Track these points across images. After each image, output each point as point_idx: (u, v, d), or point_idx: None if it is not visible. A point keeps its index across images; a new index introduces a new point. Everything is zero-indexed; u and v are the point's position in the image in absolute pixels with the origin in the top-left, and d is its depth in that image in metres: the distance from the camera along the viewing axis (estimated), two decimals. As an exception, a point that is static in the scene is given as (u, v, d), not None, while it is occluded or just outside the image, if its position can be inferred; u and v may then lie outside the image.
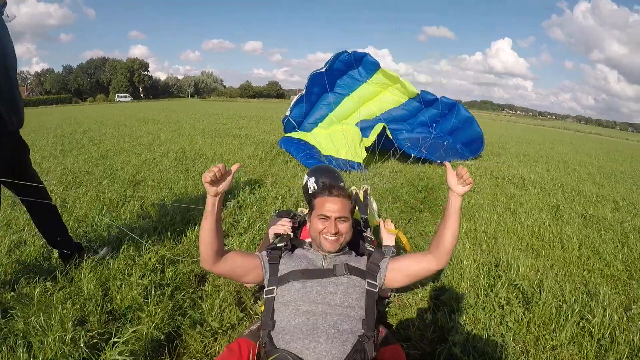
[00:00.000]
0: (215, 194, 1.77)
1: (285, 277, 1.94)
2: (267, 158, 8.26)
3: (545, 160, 12.90)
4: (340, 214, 2.09)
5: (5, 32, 2.43)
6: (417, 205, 5.58)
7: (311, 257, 2.06)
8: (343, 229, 2.08)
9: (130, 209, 4.48)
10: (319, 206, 2.13)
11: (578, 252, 4.23)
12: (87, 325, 2.36)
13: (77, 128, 14.79)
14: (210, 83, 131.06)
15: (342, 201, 2.13)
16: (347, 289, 1.87)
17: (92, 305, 2.48)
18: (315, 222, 2.11)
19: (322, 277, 1.92)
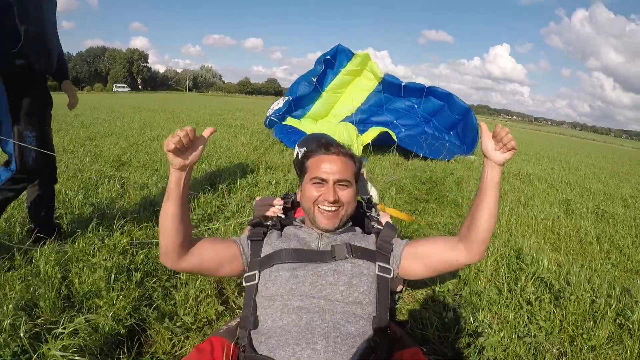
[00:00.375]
0: (182, 167, 1.36)
1: (269, 258, 1.50)
2: (262, 147, 7.88)
3: (548, 160, 12.81)
4: (341, 176, 1.59)
5: None
6: (421, 197, 5.30)
7: (303, 237, 1.60)
8: (344, 196, 1.59)
9: (110, 188, 4.07)
10: (313, 167, 1.63)
11: (598, 246, 4.00)
12: (36, 311, 1.95)
13: (69, 112, 14.27)
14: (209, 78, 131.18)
15: (342, 160, 1.63)
16: (352, 279, 1.41)
17: (43, 288, 2.04)
18: (309, 188, 1.62)
19: (317, 261, 1.47)
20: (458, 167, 7.91)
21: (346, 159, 1.65)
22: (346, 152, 1.68)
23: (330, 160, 1.61)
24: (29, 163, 2.37)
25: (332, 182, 1.57)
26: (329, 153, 1.63)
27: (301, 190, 1.69)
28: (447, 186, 5.99)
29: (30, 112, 2.38)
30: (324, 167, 1.59)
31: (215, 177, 4.81)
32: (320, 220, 1.57)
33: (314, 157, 1.66)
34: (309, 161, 1.67)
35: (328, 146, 1.64)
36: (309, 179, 1.62)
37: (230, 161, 5.95)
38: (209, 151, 6.89)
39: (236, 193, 4.11)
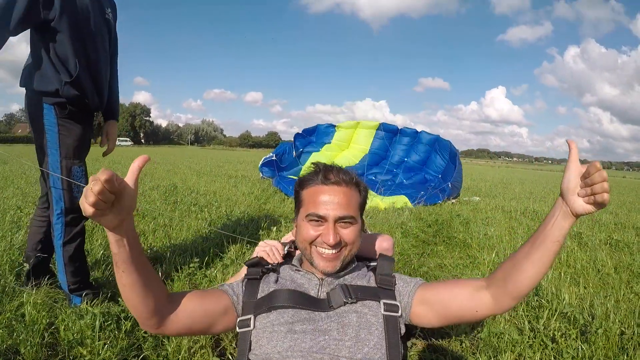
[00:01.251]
0: (117, 225, 0.98)
1: (264, 300, 1.26)
2: (263, 196, 7.79)
3: (553, 197, 12.68)
4: (343, 211, 1.29)
5: None
6: (429, 239, 5.14)
7: (301, 282, 1.34)
8: (347, 236, 1.30)
9: (105, 235, 3.92)
10: (309, 201, 1.34)
11: (617, 276, 3.82)
12: (17, 358, 1.80)
13: None
14: (211, 132, 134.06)
15: (345, 192, 1.33)
16: (359, 332, 1.17)
17: (26, 334, 1.89)
18: (304, 226, 1.33)
19: (316, 308, 1.24)
20: (463, 208, 7.82)
21: (349, 189, 1.35)
22: (350, 179, 1.37)
23: (331, 193, 1.31)
24: (78, 199, 2.24)
25: (332, 220, 1.28)
26: (329, 183, 1.33)
27: (296, 227, 1.43)
28: (454, 227, 5.85)
29: (80, 146, 2.28)
30: (323, 200, 1.30)
31: (215, 225, 4.70)
32: (318, 264, 1.31)
33: (309, 187, 1.36)
34: (303, 192, 1.38)
35: (327, 173, 1.35)
36: (304, 215, 1.33)
37: (230, 210, 5.86)
38: (209, 200, 6.83)
39: (236, 242, 3.98)
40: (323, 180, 1.34)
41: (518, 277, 1.11)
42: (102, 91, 2.42)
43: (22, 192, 6.38)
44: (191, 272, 3.09)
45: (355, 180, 1.39)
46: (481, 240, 5.02)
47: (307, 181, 1.38)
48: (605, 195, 0.97)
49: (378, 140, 10.72)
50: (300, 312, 1.21)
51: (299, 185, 1.42)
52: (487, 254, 4.27)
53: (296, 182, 1.44)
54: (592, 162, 1.00)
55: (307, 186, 1.37)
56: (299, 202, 1.41)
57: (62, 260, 2.28)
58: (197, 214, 5.27)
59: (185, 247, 3.65)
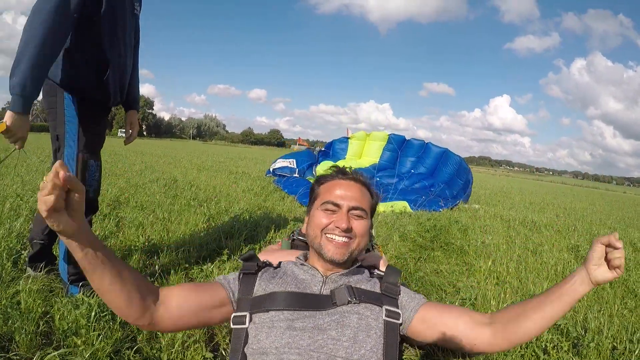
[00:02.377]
0: (76, 229, 0.94)
1: (262, 300, 1.25)
2: (263, 193, 7.81)
3: (552, 208, 12.73)
4: (357, 202, 1.38)
5: None
6: (426, 244, 5.14)
7: (303, 278, 1.35)
8: (358, 227, 1.36)
9: (104, 225, 3.97)
10: (325, 191, 1.43)
11: (612, 291, 3.82)
12: (12, 346, 1.82)
13: None
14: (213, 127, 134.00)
15: (359, 188, 1.44)
16: (358, 334, 1.18)
17: (21, 322, 1.90)
18: (318, 214, 1.39)
19: (317, 308, 1.23)
20: (462, 215, 7.81)
21: (363, 187, 1.47)
22: (364, 180, 1.50)
23: (347, 186, 1.42)
24: (90, 194, 2.24)
25: (346, 209, 1.36)
26: (346, 178, 1.46)
27: (308, 218, 1.48)
28: (452, 234, 5.85)
29: (98, 141, 2.31)
30: (339, 191, 1.40)
31: (213, 220, 4.71)
32: (328, 250, 1.33)
33: (327, 182, 1.47)
34: (321, 186, 1.48)
35: (345, 171, 1.49)
36: (319, 204, 1.41)
37: (229, 206, 5.85)
38: (209, 195, 6.85)
39: (234, 237, 3.99)
40: (341, 176, 1.46)
41: (524, 324, 1.17)
42: (124, 88, 2.45)
43: (22, 180, 6.39)
44: (188, 267, 3.11)
45: (368, 183, 1.51)
46: (478, 247, 5.03)
47: (325, 177, 1.50)
48: (621, 265, 1.13)
49: (387, 152, 10.93)
50: (300, 310, 1.23)
51: (317, 181, 1.52)
52: (483, 262, 4.28)
53: (315, 179, 1.57)
54: (613, 233, 1.14)
55: (325, 182, 1.48)
56: (314, 195, 1.49)
57: (64, 250, 2.28)
58: (196, 209, 5.28)
59: (183, 241, 3.65)
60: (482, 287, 3.39)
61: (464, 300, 3.03)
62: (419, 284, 3.49)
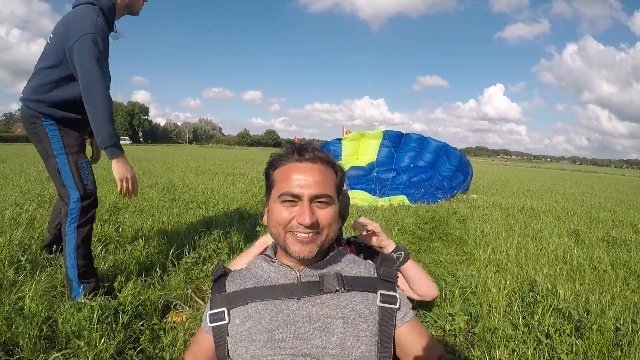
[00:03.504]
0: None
1: (238, 295, 1.17)
2: (261, 193, 7.80)
3: (550, 194, 12.73)
4: (319, 190, 1.15)
5: None
6: (425, 236, 5.15)
7: (273, 276, 1.22)
8: (324, 217, 1.16)
9: (103, 231, 3.99)
10: (281, 179, 1.19)
11: (614, 273, 3.84)
12: (16, 350, 1.84)
13: None
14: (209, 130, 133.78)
15: (320, 170, 1.19)
16: (345, 340, 1.08)
17: (24, 326, 1.92)
18: (276, 208, 1.18)
19: (301, 295, 1.15)
20: (461, 205, 7.83)
21: (325, 167, 1.22)
22: (325, 157, 1.24)
23: (305, 170, 1.18)
24: (89, 186, 2.52)
25: (307, 199, 1.15)
26: (303, 160, 1.20)
27: (267, 212, 1.26)
28: (451, 224, 5.86)
29: (82, 143, 2.56)
30: (297, 178, 1.16)
31: (212, 222, 4.71)
32: (294, 249, 1.16)
33: (282, 165, 1.22)
34: (276, 172, 1.23)
35: (301, 150, 1.21)
36: (276, 196, 1.19)
37: (227, 207, 5.86)
38: (207, 197, 6.85)
39: (232, 237, 3.99)
40: (297, 157, 1.20)
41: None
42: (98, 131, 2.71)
43: (21, 190, 6.39)
44: (188, 268, 3.12)
45: (331, 160, 1.27)
46: (477, 236, 5.04)
47: (279, 160, 1.23)
48: None
49: (385, 148, 10.96)
50: (278, 316, 1.12)
51: (271, 165, 1.26)
52: (483, 251, 4.29)
53: (268, 162, 1.29)
54: None
55: (279, 165, 1.23)
56: (270, 184, 1.26)
57: (74, 243, 2.45)
58: (194, 211, 5.28)
59: (183, 243, 3.66)
60: (482, 275, 3.39)
61: (464, 288, 3.04)
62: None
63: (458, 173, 9.99)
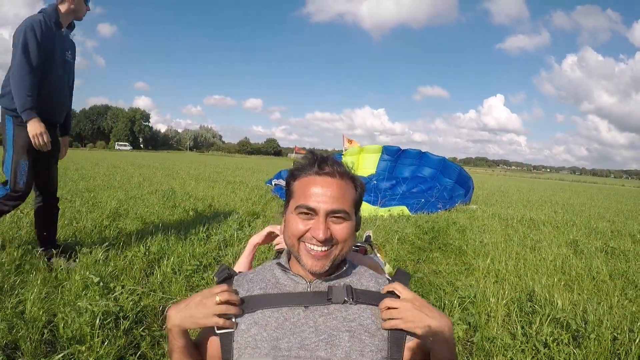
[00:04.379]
0: None
1: (249, 300, 1.16)
2: (261, 202, 7.83)
3: (550, 204, 12.75)
4: (336, 205, 1.16)
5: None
6: (424, 246, 5.16)
7: (285, 283, 1.21)
8: (339, 233, 1.17)
9: (104, 236, 4.02)
10: (300, 192, 1.20)
11: (612, 283, 3.85)
12: (17, 354, 1.85)
13: (71, 165, 14.86)
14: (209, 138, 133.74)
15: (339, 185, 1.19)
16: (350, 353, 1.06)
17: (26, 330, 1.93)
18: (293, 220, 1.19)
19: (309, 303, 1.14)
20: (460, 216, 7.85)
21: (345, 182, 1.22)
22: (345, 172, 1.24)
23: (324, 184, 1.18)
24: (19, 185, 3.00)
25: (323, 214, 1.15)
26: (323, 174, 1.20)
27: (284, 221, 1.27)
28: (450, 235, 5.88)
29: (29, 146, 2.96)
30: (314, 192, 1.17)
31: (212, 230, 4.73)
32: (306, 261, 1.17)
33: (302, 177, 1.23)
34: (295, 183, 1.24)
35: (322, 163, 1.21)
36: (293, 208, 1.20)
37: (228, 215, 5.88)
38: (207, 205, 6.86)
39: (233, 246, 4.01)
40: (317, 170, 1.20)
41: None
42: (57, 114, 3.27)
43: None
44: (189, 275, 3.13)
45: (352, 175, 1.27)
46: (477, 247, 5.05)
47: (299, 171, 1.24)
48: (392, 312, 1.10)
49: (383, 162, 11.18)
50: (284, 324, 1.11)
51: (291, 175, 1.27)
52: (482, 261, 4.30)
53: (289, 171, 1.30)
54: None
55: (299, 177, 1.23)
56: (289, 194, 1.27)
57: None
58: (195, 219, 5.30)
59: (183, 250, 3.67)
60: (481, 285, 3.41)
61: (463, 298, 3.05)
62: (418, 285, 3.51)
63: (458, 186, 10.10)
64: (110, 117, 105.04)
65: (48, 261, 3.15)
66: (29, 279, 2.67)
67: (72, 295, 2.48)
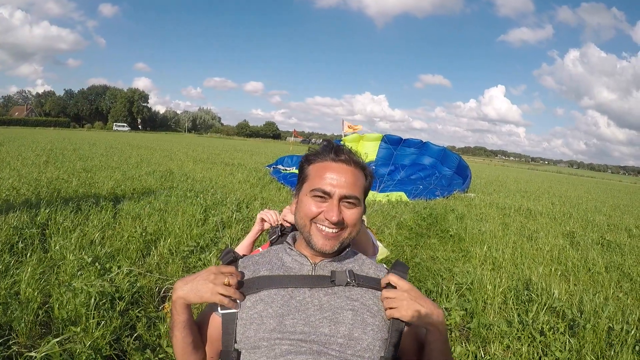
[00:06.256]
0: None
1: (251, 282, 1.20)
2: (259, 184, 7.82)
3: (547, 196, 12.77)
4: (349, 191, 1.20)
5: None
6: (422, 232, 5.17)
7: (290, 265, 1.25)
8: (350, 217, 1.22)
9: (100, 217, 3.98)
10: (315, 176, 1.24)
11: (607, 275, 3.89)
12: (12, 335, 1.83)
13: (68, 146, 14.85)
14: (208, 120, 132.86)
15: (353, 172, 1.24)
16: (353, 331, 1.10)
17: (20, 311, 1.92)
18: (306, 202, 1.23)
19: (313, 285, 1.19)
20: (458, 203, 7.87)
21: (357, 170, 1.28)
22: (359, 162, 1.30)
23: (339, 170, 1.23)
24: None
25: (337, 198, 1.20)
26: (338, 160, 1.25)
27: (297, 202, 1.31)
28: (449, 222, 5.88)
29: None
30: (330, 177, 1.22)
31: (210, 211, 4.72)
32: (317, 241, 1.21)
33: (318, 162, 1.27)
34: (310, 167, 1.28)
35: (338, 151, 1.27)
36: (308, 190, 1.24)
37: (226, 197, 5.86)
38: (205, 186, 6.84)
39: (231, 227, 4.00)
40: (334, 157, 1.25)
41: None
42: None
43: (18, 174, 6.37)
44: (185, 256, 3.12)
45: (363, 164, 1.32)
46: (474, 234, 5.06)
47: (316, 156, 1.28)
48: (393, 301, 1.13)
49: (383, 150, 11.16)
50: (290, 302, 1.14)
51: (307, 159, 1.31)
52: (479, 248, 4.31)
53: (304, 156, 1.35)
54: None
55: (315, 161, 1.28)
56: (303, 177, 1.30)
57: None
58: (192, 200, 5.28)
59: (181, 231, 3.66)
60: (479, 273, 3.41)
61: (460, 285, 3.06)
62: (415, 270, 3.52)
63: (456, 175, 10.13)
64: (108, 98, 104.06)
65: None
66: (24, 260, 2.65)
67: (68, 275, 2.46)
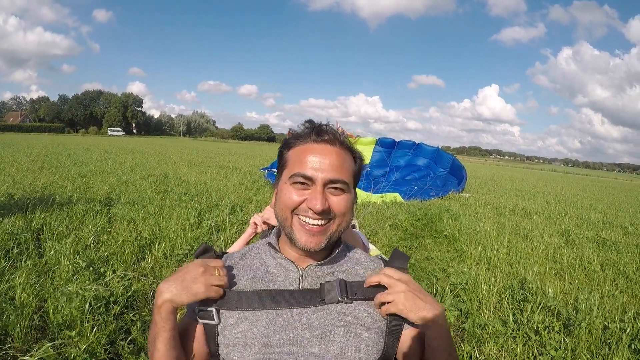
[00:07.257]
0: None
1: (230, 296, 1.03)
2: (254, 187, 7.81)
3: (543, 195, 12.83)
4: (335, 174, 1.02)
5: None
6: (417, 232, 5.17)
7: (275, 272, 1.08)
8: (337, 205, 1.03)
9: (95, 222, 3.97)
10: (295, 160, 1.06)
11: (603, 273, 3.90)
12: (7, 339, 1.83)
13: (63, 151, 14.81)
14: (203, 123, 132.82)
15: (338, 153, 1.06)
16: (345, 349, 0.99)
17: (15, 316, 1.91)
18: (286, 190, 1.05)
19: (299, 305, 1.03)
20: (453, 203, 7.88)
21: (344, 152, 1.08)
22: (344, 142, 1.10)
23: (322, 152, 1.05)
24: None
25: (321, 184, 1.02)
26: (320, 141, 1.06)
27: (276, 193, 1.12)
28: (443, 222, 5.88)
29: None
30: (312, 160, 1.03)
31: (204, 215, 4.70)
32: (300, 237, 1.03)
33: (298, 145, 1.09)
34: (290, 152, 1.09)
35: (320, 131, 1.07)
36: (287, 177, 1.05)
37: (220, 200, 5.85)
38: (200, 190, 6.82)
39: (225, 230, 3.99)
40: (315, 138, 1.06)
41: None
42: None
43: (12, 180, 6.33)
44: (180, 260, 3.11)
45: (350, 146, 1.13)
46: (469, 234, 5.07)
47: (295, 139, 1.10)
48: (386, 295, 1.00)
49: (377, 153, 11.15)
50: (276, 320, 1.02)
51: (285, 144, 1.13)
52: (474, 248, 4.31)
53: (283, 140, 1.16)
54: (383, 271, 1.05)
55: (295, 145, 1.09)
56: (282, 164, 1.11)
57: None
58: (187, 203, 5.26)
59: (175, 235, 3.65)
60: (473, 272, 3.42)
61: (455, 285, 3.06)
62: (410, 271, 3.51)
63: (451, 176, 10.18)
64: (103, 103, 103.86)
65: None
66: (19, 265, 2.64)
67: (63, 280, 2.46)
